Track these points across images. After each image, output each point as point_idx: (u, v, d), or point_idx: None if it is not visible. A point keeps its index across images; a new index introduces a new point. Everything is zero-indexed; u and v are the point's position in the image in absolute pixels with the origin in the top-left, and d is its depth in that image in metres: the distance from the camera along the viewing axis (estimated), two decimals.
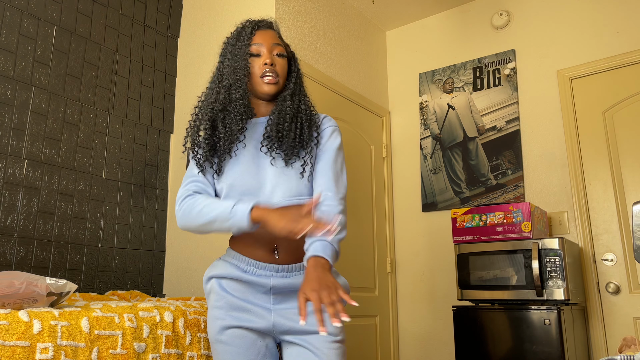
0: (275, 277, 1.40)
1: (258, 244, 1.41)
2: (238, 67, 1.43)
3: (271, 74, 1.43)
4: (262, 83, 1.43)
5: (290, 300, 1.42)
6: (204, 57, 3.33)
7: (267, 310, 1.40)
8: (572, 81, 3.27)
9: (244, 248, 1.43)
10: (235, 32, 1.52)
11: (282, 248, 1.41)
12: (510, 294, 2.69)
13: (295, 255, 1.42)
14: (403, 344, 3.59)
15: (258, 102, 1.49)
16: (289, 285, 1.41)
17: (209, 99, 1.48)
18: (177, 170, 3.27)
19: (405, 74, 4.00)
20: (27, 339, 1.45)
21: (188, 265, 3.07)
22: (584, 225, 3.06)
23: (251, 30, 1.48)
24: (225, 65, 1.48)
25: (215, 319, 1.41)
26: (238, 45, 1.47)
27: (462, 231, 2.94)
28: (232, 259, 1.45)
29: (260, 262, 1.40)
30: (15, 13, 2.60)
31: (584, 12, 3.31)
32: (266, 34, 1.49)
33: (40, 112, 2.65)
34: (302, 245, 1.37)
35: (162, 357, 1.79)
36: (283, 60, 1.48)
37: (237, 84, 1.43)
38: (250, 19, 1.53)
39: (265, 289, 1.40)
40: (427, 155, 3.74)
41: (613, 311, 2.93)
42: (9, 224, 2.45)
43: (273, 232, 1.26)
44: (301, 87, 1.51)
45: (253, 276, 1.40)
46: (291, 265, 1.42)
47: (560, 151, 3.23)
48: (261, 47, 1.46)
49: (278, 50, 1.47)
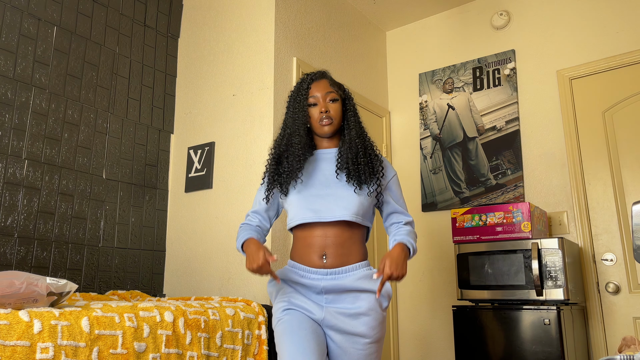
0: (325, 279, 1.68)
1: (310, 251, 1.72)
2: (297, 117, 1.77)
3: (326, 119, 1.76)
4: (321, 126, 1.77)
5: (340, 301, 1.68)
6: (204, 57, 3.33)
7: (320, 307, 1.68)
8: (572, 81, 3.28)
9: (300, 257, 1.75)
10: (295, 86, 1.84)
11: (329, 254, 1.70)
12: (510, 293, 2.69)
13: (341, 260, 1.70)
14: (403, 344, 3.60)
15: (320, 139, 1.84)
16: (337, 286, 1.67)
17: (277, 142, 1.84)
18: (177, 170, 3.27)
19: (405, 74, 4.00)
20: (27, 339, 1.45)
21: (188, 265, 3.07)
22: (584, 225, 3.06)
23: (307, 84, 1.80)
24: (288, 116, 1.81)
25: (279, 303, 1.71)
26: (298, 99, 1.79)
27: (462, 231, 2.94)
28: (291, 267, 1.76)
29: (312, 267, 1.70)
30: (15, 13, 2.61)
31: (584, 12, 3.31)
32: (320, 84, 1.80)
33: (41, 112, 2.65)
34: (348, 252, 1.71)
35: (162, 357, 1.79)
36: (336, 104, 1.79)
37: (296, 132, 1.76)
38: (306, 74, 1.85)
39: (318, 289, 1.69)
40: (427, 155, 3.74)
41: (613, 311, 2.93)
42: (10, 224, 2.45)
43: (248, 268, 1.65)
44: (359, 124, 1.82)
45: (308, 280, 1.70)
46: (338, 268, 1.69)
47: (560, 151, 3.23)
48: (317, 98, 1.78)
49: (331, 97, 1.79)
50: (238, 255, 2.86)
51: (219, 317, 2.06)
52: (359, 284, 1.67)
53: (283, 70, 3.01)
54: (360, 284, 1.67)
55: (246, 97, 3.04)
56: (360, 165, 1.74)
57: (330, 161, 1.80)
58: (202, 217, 3.08)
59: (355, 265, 1.70)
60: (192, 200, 3.15)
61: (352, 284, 1.67)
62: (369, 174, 1.75)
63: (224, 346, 2.04)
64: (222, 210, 2.99)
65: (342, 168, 1.75)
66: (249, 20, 3.14)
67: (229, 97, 3.13)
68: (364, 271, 1.70)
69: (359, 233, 1.76)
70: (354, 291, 1.68)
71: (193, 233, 3.10)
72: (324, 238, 1.70)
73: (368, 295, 1.68)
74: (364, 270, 1.70)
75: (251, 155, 2.94)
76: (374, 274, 1.68)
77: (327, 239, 1.70)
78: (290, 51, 3.09)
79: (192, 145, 3.24)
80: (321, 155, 1.83)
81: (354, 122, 1.81)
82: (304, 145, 1.75)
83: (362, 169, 1.74)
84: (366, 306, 1.66)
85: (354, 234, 1.74)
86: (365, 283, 1.68)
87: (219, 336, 2.03)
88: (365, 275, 1.69)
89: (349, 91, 1.89)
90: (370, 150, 1.80)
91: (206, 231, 3.03)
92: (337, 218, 1.69)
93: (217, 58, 3.26)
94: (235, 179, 2.98)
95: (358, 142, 1.77)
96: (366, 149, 1.78)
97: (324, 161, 1.81)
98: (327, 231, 1.71)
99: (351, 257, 1.72)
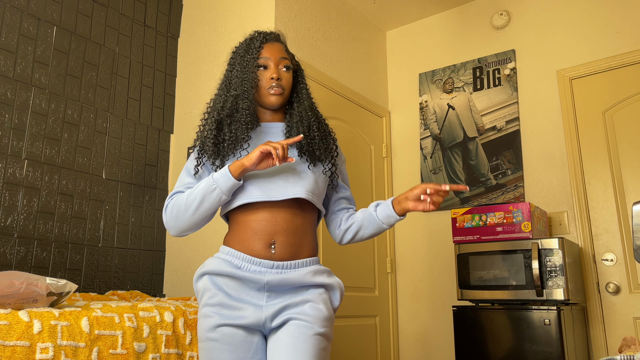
0: (270, 273, 1.42)
1: (255, 238, 1.44)
2: (246, 78, 1.52)
3: (277, 87, 1.52)
4: (269, 95, 1.53)
5: (283, 297, 1.43)
6: (204, 57, 3.33)
7: (259, 307, 1.41)
8: (572, 81, 3.28)
9: (239, 243, 1.46)
10: (244, 43, 1.60)
11: (280, 243, 1.44)
12: (510, 293, 2.69)
13: (292, 251, 1.46)
14: (403, 344, 3.59)
15: (264, 110, 1.59)
16: (283, 281, 1.42)
17: (217, 104, 1.56)
18: (177, 170, 3.27)
19: (405, 74, 4.00)
20: (27, 339, 1.45)
21: (188, 265, 3.07)
22: (584, 225, 3.06)
23: (260, 43, 1.56)
24: (234, 75, 1.56)
25: (206, 317, 1.41)
26: (247, 58, 1.55)
27: (462, 231, 2.94)
28: (225, 255, 1.46)
29: (255, 257, 1.43)
30: (15, 13, 2.60)
31: (584, 12, 3.31)
32: (274, 47, 1.58)
33: (41, 112, 2.65)
34: (300, 241, 1.46)
35: (162, 357, 1.79)
36: (289, 73, 1.57)
37: (244, 94, 1.51)
38: (258, 31, 1.61)
39: (259, 285, 1.41)
40: (427, 155, 3.74)
41: (613, 311, 2.93)
42: (9, 224, 2.45)
43: (251, 165, 1.39)
44: (311, 98, 1.62)
45: (247, 272, 1.41)
46: (287, 262, 1.44)
47: (560, 151, 3.23)
48: (269, 61, 1.54)
49: (284, 63, 1.56)
50: None
51: None
52: (309, 278, 1.44)
53: None
54: (310, 278, 1.44)
55: None
56: (315, 140, 1.53)
57: (277, 135, 1.57)
58: None
59: (306, 260, 1.47)
60: None
61: (300, 278, 1.43)
62: (324, 149, 1.55)
63: None
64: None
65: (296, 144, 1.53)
66: (249, 20, 3.14)
67: None
68: (314, 267, 1.47)
69: (311, 219, 1.53)
70: (302, 287, 1.45)
71: (193, 233, 3.10)
72: (273, 223, 1.44)
73: (317, 288, 1.45)
74: (315, 267, 1.48)
75: None
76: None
77: (277, 225, 1.44)
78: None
79: (192, 145, 3.23)
80: (266, 129, 1.57)
81: (305, 94, 1.61)
82: (252, 111, 1.51)
83: (317, 144, 1.53)
84: (315, 294, 1.44)
85: (306, 220, 1.50)
86: (315, 277, 1.45)
87: None
88: (316, 270, 1.47)
89: (300, 64, 1.70)
90: (324, 126, 1.60)
91: (206, 231, 3.03)
92: (290, 196, 1.44)
93: (217, 58, 3.26)
94: None
95: (311, 114, 1.57)
96: (320, 123, 1.59)
97: (270, 135, 1.56)
98: (276, 215, 1.45)
99: (302, 250, 1.48)
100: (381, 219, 1.54)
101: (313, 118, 1.57)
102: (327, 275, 1.50)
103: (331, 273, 1.52)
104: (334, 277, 1.52)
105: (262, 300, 1.42)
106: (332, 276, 1.52)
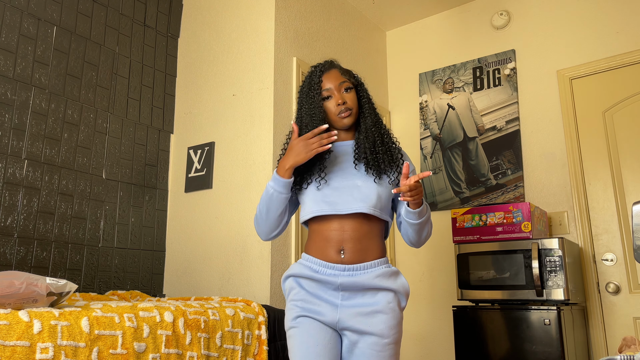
0: (343, 275, 1.62)
1: (327, 245, 1.66)
2: (314, 114, 1.69)
3: (345, 110, 1.70)
4: (341, 119, 1.71)
5: (356, 298, 1.63)
6: (204, 57, 3.33)
7: (335, 307, 1.62)
8: (572, 81, 3.27)
9: (316, 251, 1.69)
10: (305, 81, 1.77)
11: (348, 249, 1.65)
12: (510, 294, 2.69)
13: (360, 255, 1.65)
14: (403, 344, 3.59)
15: (339, 131, 1.78)
16: (355, 283, 1.61)
17: None
18: (177, 170, 3.27)
19: (405, 73, 4.00)
20: (27, 339, 1.45)
21: (188, 265, 3.07)
22: (584, 225, 3.06)
23: (318, 78, 1.73)
24: (303, 112, 1.73)
25: (290, 310, 1.65)
26: (311, 94, 1.72)
27: (462, 231, 2.94)
28: (305, 261, 1.70)
29: (329, 262, 1.64)
30: (15, 13, 2.60)
31: (584, 12, 3.31)
32: (331, 75, 1.74)
33: (41, 112, 2.65)
34: (366, 247, 1.66)
35: (162, 357, 1.79)
36: (351, 93, 1.74)
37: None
38: (314, 66, 1.78)
39: (334, 285, 1.62)
40: (427, 155, 3.74)
41: (613, 311, 2.93)
42: (9, 224, 2.45)
43: (296, 162, 1.60)
44: (374, 110, 1.77)
45: (323, 275, 1.63)
46: (356, 265, 1.63)
47: (560, 151, 3.23)
48: (331, 90, 1.71)
49: (345, 86, 1.73)
50: (238, 255, 2.86)
51: (218, 318, 2.06)
52: (377, 282, 1.62)
53: (283, 70, 3.01)
54: (379, 282, 1.62)
55: (246, 97, 3.04)
56: (378, 154, 1.69)
57: (347, 154, 1.76)
58: (201, 217, 3.07)
59: (373, 262, 1.65)
60: (192, 200, 3.15)
61: (370, 281, 1.62)
62: (388, 162, 1.70)
63: (224, 346, 2.04)
64: (222, 210, 2.99)
65: (361, 158, 1.70)
66: (249, 20, 3.14)
67: (229, 97, 3.13)
68: (382, 269, 1.65)
69: (378, 227, 1.70)
70: (372, 289, 1.63)
71: (193, 233, 3.09)
72: (341, 232, 1.65)
73: (386, 293, 1.64)
74: (383, 267, 1.66)
75: (251, 155, 2.94)
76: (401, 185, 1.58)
77: (345, 233, 1.65)
78: (290, 51, 3.09)
79: (192, 145, 3.24)
80: (338, 149, 1.78)
81: (368, 109, 1.76)
82: None
83: (381, 157, 1.69)
84: (384, 303, 1.62)
85: (372, 228, 1.68)
86: (383, 281, 1.63)
87: (218, 336, 2.03)
88: (383, 273, 1.64)
89: (359, 76, 1.81)
90: (387, 138, 1.75)
91: (206, 231, 3.03)
92: (353, 210, 1.64)
93: (217, 58, 3.26)
94: (235, 179, 2.98)
95: (374, 130, 1.73)
96: (383, 136, 1.74)
97: (342, 154, 1.76)
98: (344, 225, 1.65)
99: (369, 253, 1.66)
100: (405, 217, 1.69)
101: (377, 134, 1.72)
102: (394, 278, 1.66)
103: (398, 274, 1.68)
104: (401, 278, 1.68)
105: (337, 299, 1.62)
106: (399, 278, 1.67)
